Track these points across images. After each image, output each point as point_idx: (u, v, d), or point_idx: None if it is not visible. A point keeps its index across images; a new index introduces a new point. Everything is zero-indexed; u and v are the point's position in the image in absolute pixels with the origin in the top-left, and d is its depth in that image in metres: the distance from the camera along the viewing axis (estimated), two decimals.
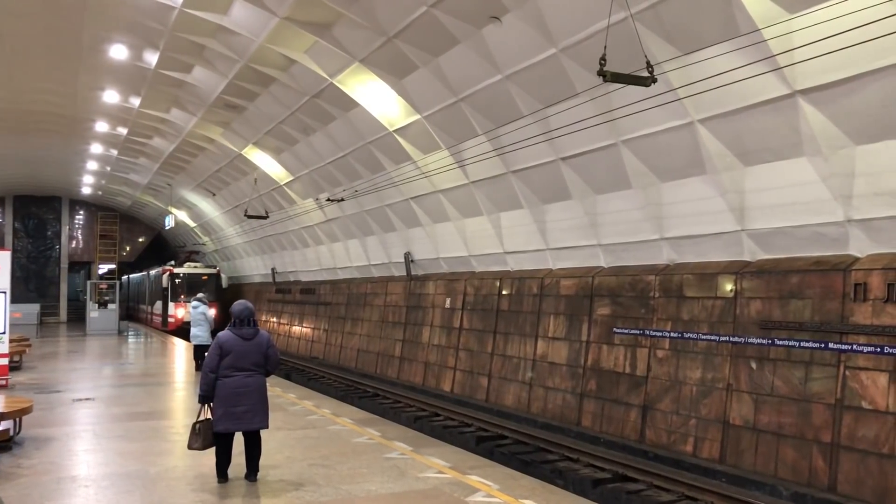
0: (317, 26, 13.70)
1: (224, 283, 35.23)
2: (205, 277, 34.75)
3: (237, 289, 38.23)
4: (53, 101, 22.30)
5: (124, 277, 49.58)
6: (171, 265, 35.59)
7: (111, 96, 21.39)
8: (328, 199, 20.79)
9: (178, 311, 33.28)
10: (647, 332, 12.32)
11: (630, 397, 12.37)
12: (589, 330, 13.60)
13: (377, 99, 15.45)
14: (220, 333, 7.59)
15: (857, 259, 9.37)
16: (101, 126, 25.33)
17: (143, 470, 8.09)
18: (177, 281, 34.20)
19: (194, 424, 7.57)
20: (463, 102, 13.55)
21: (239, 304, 7.70)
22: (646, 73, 8.33)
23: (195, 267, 35.61)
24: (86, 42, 16.99)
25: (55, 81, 20.33)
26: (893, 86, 7.94)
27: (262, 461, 7.78)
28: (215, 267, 36.52)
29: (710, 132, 10.14)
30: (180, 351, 23.59)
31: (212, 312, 19.01)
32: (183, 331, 30.14)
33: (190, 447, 7.60)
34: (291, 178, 23.23)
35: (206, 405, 7.47)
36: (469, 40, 11.98)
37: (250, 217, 24.51)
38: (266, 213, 24.43)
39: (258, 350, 7.44)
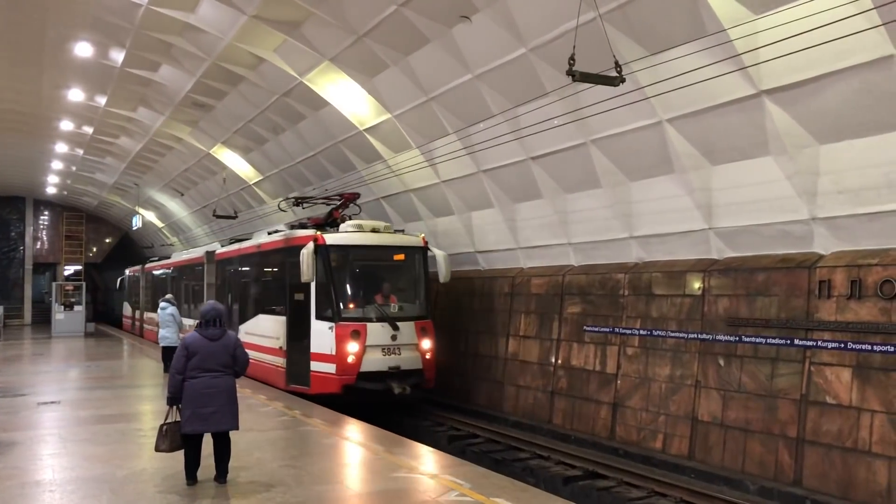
0: (286, 24, 13.61)
1: (442, 272, 14.27)
2: (399, 257, 14.62)
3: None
4: (16, 99, 21.87)
5: (129, 272, 35.72)
6: (308, 227, 15.24)
7: (76, 95, 21.02)
8: (294, 201, 20.65)
9: (348, 346, 13.15)
10: (616, 329, 12.42)
11: (600, 395, 12.46)
12: (560, 328, 13.68)
13: (347, 98, 15.38)
14: (187, 335, 7.56)
15: (821, 257, 9.53)
16: (66, 125, 24.90)
17: (110, 473, 7.97)
18: (335, 262, 13.75)
19: (161, 426, 7.51)
20: (433, 101, 13.54)
21: (207, 305, 7.69)
22: (614, 73, 8.39)
23: (378, 231, 14.43)
24: (49, 39, 16.69)
25: (18, 79, 19.94)
26: (855, 86, 8.09)
27: (232, 462, 7.70)
28: (417, 234, 15.29)
29: (677, 131, 10.24)
30: (148, 353, 23.28)
31: (183, 319, 17.11)
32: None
33: (157, 449, 7.53)
34: (261, 178, 23.06)
35: (175, 407, 7.40)
36: (439, 40, 11.97)
37: (219, 217, 24.29)
38: (235, 212, 24.23)
39: (225, 351, 7.38)
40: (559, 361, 13.54)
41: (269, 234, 16.60)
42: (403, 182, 16.52)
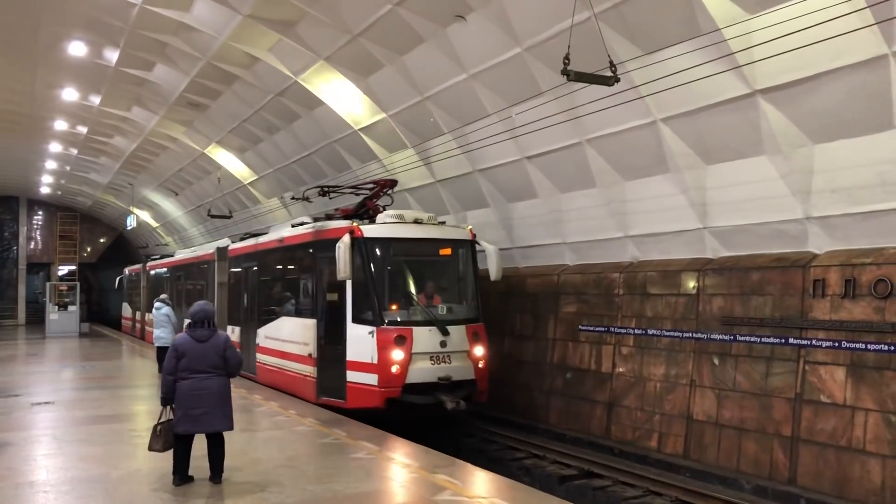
0: (281, 24, 13.58)
1: (493, 269, 12.63)
2: (445, 251, 12.83)
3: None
4: (10, 98, 21.78)
5: (128, 271, 33.46)
6: (335, 218, 13.81)
7: (70, 94, 20.95)
8: (293, 198, 20.62)
9: (392, 353, 11.34)
10: (611, 329, 12.43)
11: (596, 394, 12.47)
12: (555, 327, 13.69)
13: (342, 97, 15.36)
14: (177, 336, 7.57)
15: (815, 256, 9.56)
16: (60, 124, 24.81)
17: (104, 474, 7.95)
18: (375, 257, 12.02)
19: (155, 426, 7.52)
20: (428, 101, 13.53)
21: (195, 306, 7.69)
22: (609, 73, 8.40)
23: (421, 222, 12.53)
24: (43, 39, 16.63)
25: (12, 79, 19.86)
26: (849, 86, 8.11)
27: (227, 463, 7.68)
28: (463, 226, 13.38)
29: (672, 131, 10.25)
30: (143, 353, 23.22)
31: (176, 318, 16.53)
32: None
33: (150, 449, 7.53)
34: (256, 178, 23.01)
35: (169, 407, 7.40)
36: (434, 39, 11.97)
37: (214, 216, 24.23)
38: (230, 212, 24.17)
39: (214, 352, 7.35)
40: (555, 361, 13.55)
41: (294, 226, 14.65)
42: (398, 181, 16.51)
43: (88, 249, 45.99)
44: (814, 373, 9.28)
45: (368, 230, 11.94)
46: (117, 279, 35.46)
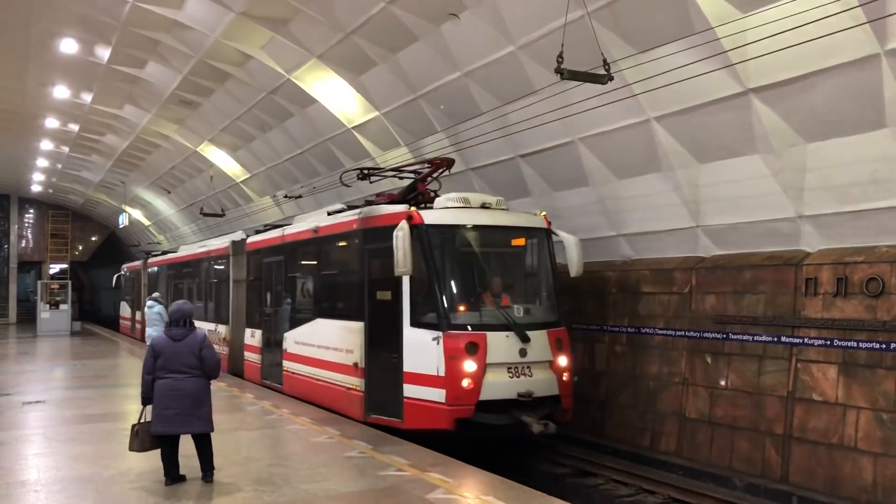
0: (273, 21, 13.54)
1: (574, 264, 10.96)
2: (518, 242, 11.24)
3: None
4: (1, 96, 21.68)
5: (126, 268, 32.58)
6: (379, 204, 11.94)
7: (61, 92, 20.86)
8: (285, 196, 20.59)
9: (464, 364, 9.57)
10: (605, 327, 12.45)
11: (589, 393, 12.47)
12: None
13: (335, 95, 15.33)
14: (156, 335, 7.54)
15: (808, 254, 9.59)
16: (52, 122, 24.71)
17: (96, 473, 7.92)
18: (439, 248, 10.33)
19: (133, 425, 7.50)
20: (422, 99, 13.52)
21: (174, 305, 7.66)
22: (602, 71, 8.40)
23: (489, 207, 10.86)
24: (34, 36, 16.54)
25: (2, 76, 19.76)
26: (841, 85, 8.13)
27: (219, 462, 7.66)
28: (535, 212, 11.42)
29: (665, 129, 10.26)
30: (134, 352, 23.14)
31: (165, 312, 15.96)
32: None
33: (130, 449, 7.50)
34: (248, 176, 22.95)
35: (150, 407, 7.38)
36: (427, 37, 11.95)
37: (206, 215, 24.19)
38: (222, 210, 24.11)
39: (190, 351, 7.28)
40: None
41: (330, 213, 12.92)
42: (392, 180, 16.48)
43: (80, 248, 45.83)
44: (806, 371, 9.31)
45: (430, 216, 10.22)
46: (115, 277, 34.53)
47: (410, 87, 13.42)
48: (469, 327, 9.80)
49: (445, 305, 9.91)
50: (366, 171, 13.01)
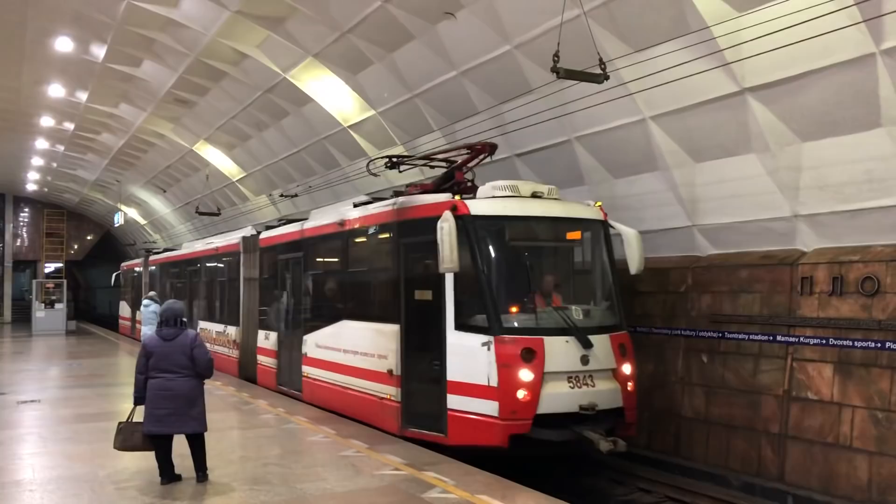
0: (269, 20, 13.52)
1: (634, 260, 9.86)
2: (574, 235, 10.25)
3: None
4: None
5: (126, 266, 31.40)
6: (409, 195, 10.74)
7: (56, 90, 20.81)
8: (281, 195, 20.56)
9: (519, 373, 8.55)
10: None
11: None
12: None
13: (331, 94, 15.31)
14: (147, 335, 7.54)
15: (803, 253, 9.60)
16: (47, 121, 24.65)
17: (91, 473, 7.90)
18: (487, 242, 9.25)
19: (119, 423, 7.53)
20: (418, 98, 13.51)
21: (165, 304, 7.66)
22: (599, 70, 8.40)
23: (540, 196, 9.80)
24: (29, 34, 16.50)
25: None
26: (837, 84, 8.14)
27: (214, 461, 7.66)
28: (589, 202, 10.33)
29: (661, 129, 10.26)
30: (130, 350, 23.10)
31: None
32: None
33: (114, 446, 7.53)
34: (244, 175, 22.92)
35: (140, 406, 7.37)
36: (424, 36, 11.94)
37: (202, 214, 24.12)
38: (218, 209, 24.07)
39: (181, 351, 7.26)
40: None
41: (356, 205, 11.92)
42: (388, 179, 16.48)
43: (75, 247, 45.73)
44: (802, 370, 9.33)
45: (476, 206, 9.20)
46: (113, 275, 33.74)
47: (406, 85, 13.41)
48: (524, 331, 8.80)
49: (496, 306, 8.86)
50: (395, 160, 11.89)
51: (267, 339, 14.61)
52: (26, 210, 44.31)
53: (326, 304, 12.49)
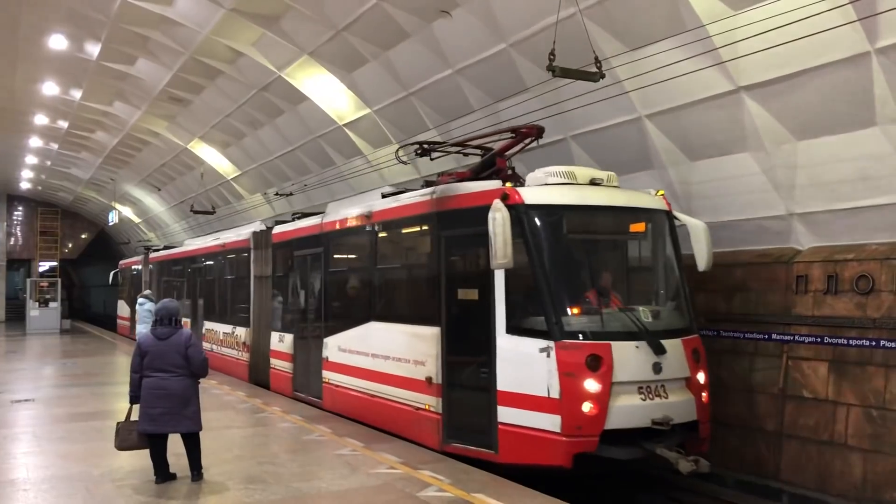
0: (264, 18, 13.49)
1: (702, 255, 8.98)
2: (637, 227, 9.18)
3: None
4: None
5: (124, 264, 30.71)
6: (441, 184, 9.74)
7: (50, 88, 20.74)
8: (276, 194, 20.53)
9: (584, 383, 7.61)
10: None
11: None
12: None
13: (326, 92, 15.29)
14: (142, 334, 7.56)
15: (798, 252, 9.61)
16: (41, 119, 24.57)
17: (85, 472, 7.88)
18: (545, 234, 8.30)
19: (118, 423, 7.53)
20: (413, 96, 13.49)
21: (160, 303, 7.67)
22: (594, 69, 8.40)
23: (599, 184, 8.87)
24: (23, 32, 16.43)
25: None
26: (832, 83, 8.15)
27: (209, 460, 7.65)
28: (650, 191, 9.42)
29: (656, 127, 10.27)
30: (125, 350, 23.03)
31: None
32: None
33: (115, 447, 7.54)
34: (239, 173, 22.87)
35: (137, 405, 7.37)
36: (419, 34, 11.92)
37: (197, 212, 24.09)
38: (213, 208, 24.02)
39: (175, 350, 7.25)
40: None
41: (385, 195, 10.94)
42: (383, 177, 16.47)
43: (70, 245, 45.59)
44: (797, 368, 9.34)
45: (530, 195, 8.24)
46: (111, 274, 32.95)
47: (402, 84, 13.39)
48: (589, 335, 7.83)
49: (557, 307, 7.90)
50: (426, 146, 10.97)
51: (281, 342, 13.66)
52: (20, 209, 44.15)
53: (351, 303, 11.49)
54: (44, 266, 44.89)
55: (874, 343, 8.52)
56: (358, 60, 13.56)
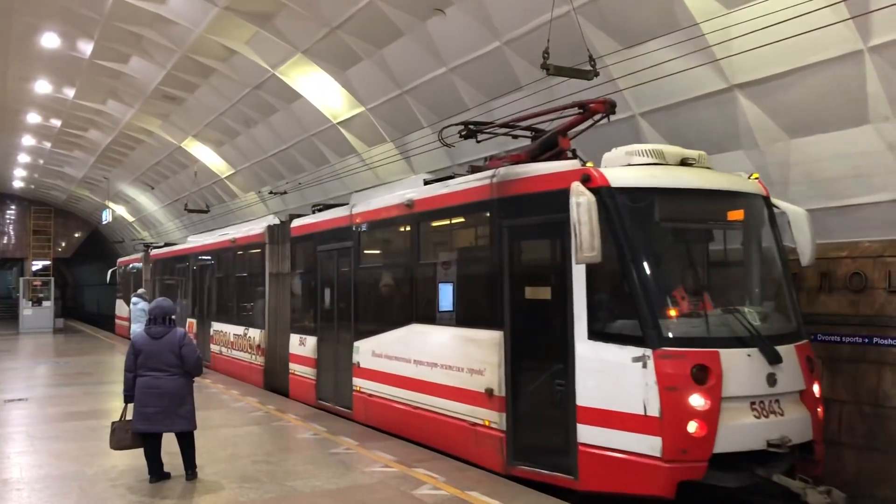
0: (258, 16, 13.47)
1: (805, 247, 7.80)
2: (735, 215, 7.69)
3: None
4: None
5: (122, 262, 29.60)
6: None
7: (43, 86, 20.67)
8: (270, 192, 20.50)
9: (690, 399, 6.38)
10: None
11: None
12: None
13: (320, 91, 15.27)
14: (136, 333, 7.56)
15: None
16: (33, 117, 24.49)
17: (79, 471, 7.86)
18: (636, 223, 7.01)
19: (112, 423, 7.53)
20: (407, 95, 13.48)
21: (154, 302, 7.66)
22: (588, 67, 8.40)
23: (690, 164, 7.60)
24: (15, 30, 16.37)
25: None
26: (825, 81, 8.17)
27: (204, 459, 7.64)
28: (742, 173, 8.08)
29: (650, 125, 10.29)
30: (118, 349, 22.98)
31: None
32: None
33: (110, 446, 7.54)
34: (233, 172, 22.83)
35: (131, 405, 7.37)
36: (413, 32, 11.92)
37: (190, 211, 24.03)
38: (207, 206, 23.98)
39: (169, 349, 7.24)
40: None
41: (427, 182, 10.01)
42: (377, 175, 16.46)
43: (63, 244, 45.43)
44: None
45: (616, 176, 7.06)
46: (109, 272, 31.99)
47: (396, 82, 13.38)
48: (694, 342, 6.63)
49: (654, 308, 6.70)
50: (473, 127, 9.60)
51: (303, 345, 12.37)
52: (13, 207, 43.98)
53: (388, 303, 10.32)
54: (37, 265, 44.71)
55: (867, 340, 8.54)
56: (352, 58, 13.55)
